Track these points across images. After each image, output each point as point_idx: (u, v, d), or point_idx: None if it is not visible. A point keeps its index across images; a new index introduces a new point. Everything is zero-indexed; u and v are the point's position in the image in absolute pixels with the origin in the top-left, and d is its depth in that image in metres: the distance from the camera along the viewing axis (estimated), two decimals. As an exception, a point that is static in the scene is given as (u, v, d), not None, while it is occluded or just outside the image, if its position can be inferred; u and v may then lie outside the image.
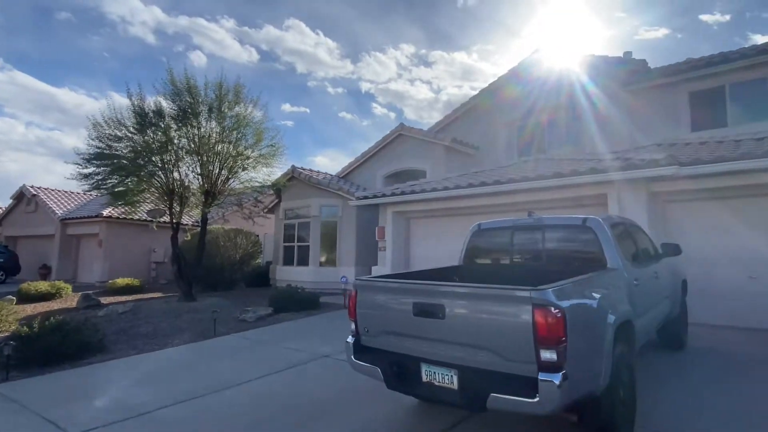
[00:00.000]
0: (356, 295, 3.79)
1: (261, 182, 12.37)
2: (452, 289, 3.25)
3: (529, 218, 4.75)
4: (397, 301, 3.43)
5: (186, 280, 11.78)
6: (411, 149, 14.16)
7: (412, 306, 3.26)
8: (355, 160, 15.74)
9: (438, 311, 3.12)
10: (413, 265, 11.72)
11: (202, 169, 11.58)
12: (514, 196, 9.37)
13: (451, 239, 10.98)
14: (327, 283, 13.98)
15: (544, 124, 13.07)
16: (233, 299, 12.38)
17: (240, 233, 15.37)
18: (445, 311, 3.09)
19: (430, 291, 3.25)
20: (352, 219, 14.01)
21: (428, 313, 3.17)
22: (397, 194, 10.97)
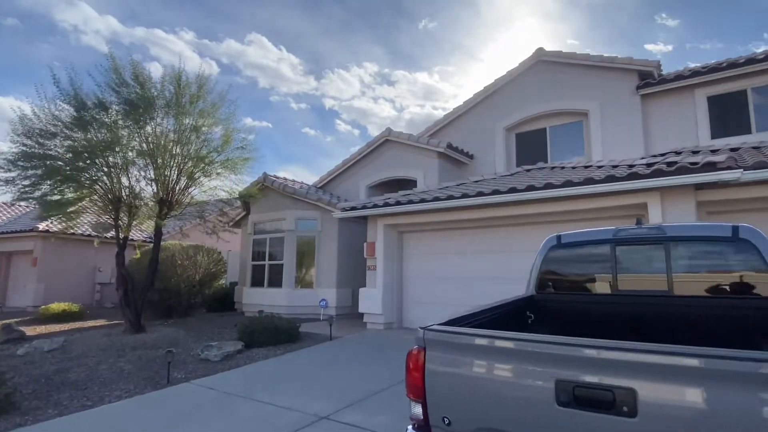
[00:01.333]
0: (424, 358, 2.20)
1: (228, 191, 10.54)
2: (656, 357, 1.65)
3: (639, 227, 3.31)
4: (519, 374, 1.88)
5: (134, 307, 9.72)
6: (399, 156, 12.72)
7: (555, 387, 1.72)
8: (335, 168, 14.13)
9: (620, 401, 1.59)
10: (408, 287, 10.16)
11: (156, 174, 9.67)
12: (526, 207, 8.08)
13: (453, 256, 9.52)
14: (303, 307, 12.19)
15: (547, 132, 11.95)
16: (192, 329, 10.38)
17: (201, 250, 13.36)
18: (637, 402, 1.56)
19: (601, 361, 1.71)
20: (334, 234, 12.34)
21: (595, 404, 1.63)
22: (391, 204, 9.44)
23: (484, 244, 9.11)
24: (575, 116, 11.53)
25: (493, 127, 12.55)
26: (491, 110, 12.70)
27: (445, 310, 8.73)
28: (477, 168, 12.45)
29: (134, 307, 9.72)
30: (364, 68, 52.71)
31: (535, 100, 11.97)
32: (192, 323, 11.47)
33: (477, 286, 9.06)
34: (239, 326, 8.41)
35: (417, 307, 9.97)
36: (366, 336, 8.89)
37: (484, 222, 9.00)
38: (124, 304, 9.74)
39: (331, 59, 54.53)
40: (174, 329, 10.31)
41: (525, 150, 12.27)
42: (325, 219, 12.51)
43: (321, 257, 12.46)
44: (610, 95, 10.86)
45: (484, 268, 9.01)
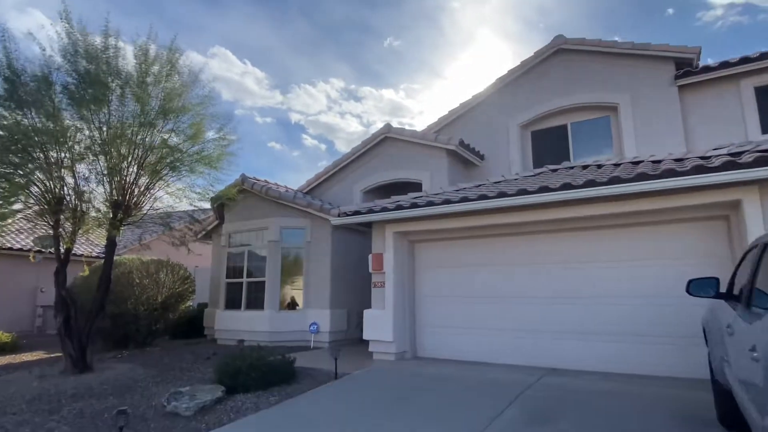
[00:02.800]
0: None
1: (201, 192, 8.61)
2: None
3: None
4: None
5: (77, 339, 7.59)
6: (401, 156, 11.11)
7: None
8: (323, 171, 12.37)
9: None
10: (421, 308, 8.45)
11: (110, 170, 7.67)
12: (574, 209, 6.63)
13: (481, 270, 7.91)
14: (290, 333, 10.27)
15: (568, 128, 10.63)
16: (154, 364, 8.29)
17: (164, 266, 11.25)
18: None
19: None
20: (326, 245, 10.53)
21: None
22: (404, 207, 7.76)
23: (523, 255, 7.55)
24: (601, 111, 10.26)
25: (506, 124, 11.15)
26: (504, 105, 11.31)
27: (472, 335, 6.98)
28: (488, 170, 10.98)
29: (78, 338, 7.59)
30: (331, 84, 51.59)
31: (555, 94, 10.66)
32: (153, 356, 9.34)
33: (514, 308, 7.47)
34: (218, 365, 6.43)
35: (433, 332, 8.27)
36: (379, 373, 7.09)
37: (519, 228, 7.46)
38: (64, 335, 7.58)
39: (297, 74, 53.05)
40: (130, 366, 8.20)
41: (543, 149, 10.90)
42: (316, 228, 10.70)
43: (311, 273, 10.60)
44: (643, 86, 9.64)
45: (524, 285, 7.44)
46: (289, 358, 6.84)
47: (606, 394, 5.39)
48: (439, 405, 5.23)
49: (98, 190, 7.86)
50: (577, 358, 6.83)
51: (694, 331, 6.06)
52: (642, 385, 5.70)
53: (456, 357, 7.84)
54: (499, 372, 6.78)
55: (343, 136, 61.37)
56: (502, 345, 7.49)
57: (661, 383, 5.75)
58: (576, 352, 6.85)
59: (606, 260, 6.86)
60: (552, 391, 5.60)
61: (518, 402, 5.15)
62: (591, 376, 6.31)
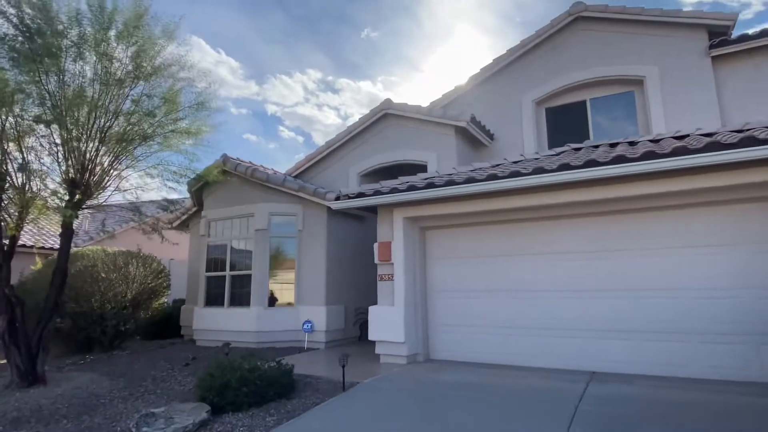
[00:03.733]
0: None
1: (177, 172, 7.33)
2: None
3: None
4: None
5: (25, 346, 6.27)
6: (404, 135, 9.99)
7: None
8: (315, 152, 11.15)
9: None
10: (434, 304, 7.41)
11: (66, 142, 6.34)
12: (611, 188, 5.72)
13: (503, 260, 6.91)
14: (280, 333, 9.11)
15: (587, 105, 9.70)
16: (122, 373, 7.03)
17: (134, 258, 9.90)
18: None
19: None
20: (321, 234, 9.37)
21: None
22: (418, 188, 6.67)
23: (555, 242, 6.57)
24: (625, 85, 9.35)
25: (519, 100, 10.15)
26: (516, 80, 10.30)
27: (494, 335, 5.94)
28: (498, 152, 9.95)
29: (26, 345, 6.27)
30: (308, 75, 50.02)
31: (573, 67, 9.70)
32: (122, 362, 8.05)
33: (545, 303, 6.49)
34: (201, 378, 5.23)
35: (448, 331, 7.24)
36: (394, 381, 6.02)
37: (550, 212, 6.48)
38: (8, 342, 6.24)
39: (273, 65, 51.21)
40: (93, 376, 6.92)
41: (559, 128, 9.95)
42: (309, 215, 9.53)
43: (303, 265, 9.43)
44: (672, 57, 8.75)
45: (555, 277, 6.47)
46: (286, 366, 5.69)
47: (682, 405, 4.44)
48: (482, 425, 4.19)
49: (52, 166, 6.51)
50: (620, 359, 5.91)
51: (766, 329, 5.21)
52: (715, 392, 4.79)
53: (475, 359, 6.85)
54: (534, 378, 5.80)
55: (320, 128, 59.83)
56: (530, 346, 6.53)
57: (736, 389, 4.85)
58: (619, 353, 5.93)
59: (655, 247, 5.93)
60: (614, 403, 4.62)
61: (581, 420, 4.15)
62: (644, 381, 5.39)
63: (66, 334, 8.99)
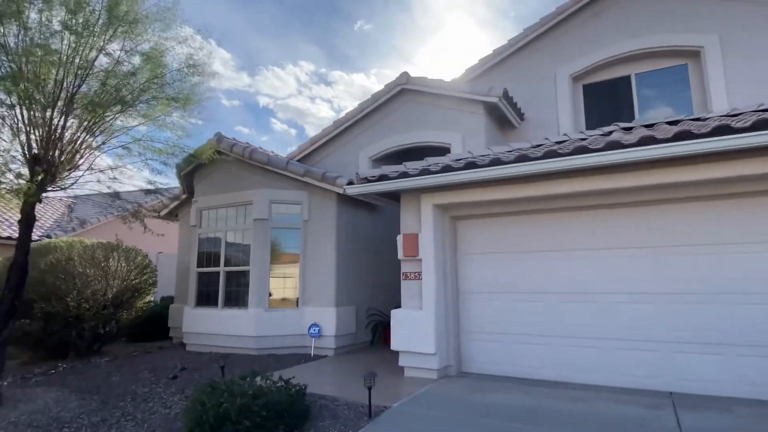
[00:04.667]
0: None
1: (163, 150, 6.12)
2: None
3: None
4: None
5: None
6: (424, 114, 8.82)
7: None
8: (320, 134, 9.95)
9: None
10: (467, 307, 6.30)
11: (25, 106, 5.12)
12: (702, 169, 4.60)
13: (548, 256, 5.81)
14: (282, 338, 7.97)
15: (632, 80, 8.57)
16: (97, 389, 5.85)
17: (115, 251, 8.68)
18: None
19: None
20: (330, 225, 8.20)
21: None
22: (456, 168, 5.52)
23: (620, 235, 5.46)
24: (677, 57, 8.22)
25: (552, 75, 8.99)
26: (549, 53, 9.14)
27: (543, 345, 4.84)
28: (527, 134, 8.80)
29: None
30: (300, 67, 48.74)
31: (615, 37, 8.55)
32: (99, 373, 6.87)
33: (607, 308, 5.39)
34: (191, 408, 4.06)
35: (485, 339, 6.14)
36: (432, 404, 4.90)
37: (612, 198, 5.38)
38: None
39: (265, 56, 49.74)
40: (61, 393, 5.74)
41: (598, 107, 8.82)
42: (316, 203, 8.36)
43: (310, 261, 8.27)
44: (735, 25, 7.63)
45: (620, 277, 5.37)
46: (297, 387, 4.55)
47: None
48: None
49: (6, 136, 5.28)
50: (705, 378, 4.85)
51: None
52: None
53: (518, 374, 5.77)
54: (602, 401, 4.72)
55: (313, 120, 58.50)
56: (587, 359, 5.44)
57: None
58: (706, 370, 4.87)
59: (761, 240, 4.83)
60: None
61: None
62: (745, 407, 4.32)
63: (36, 338, 7.79)
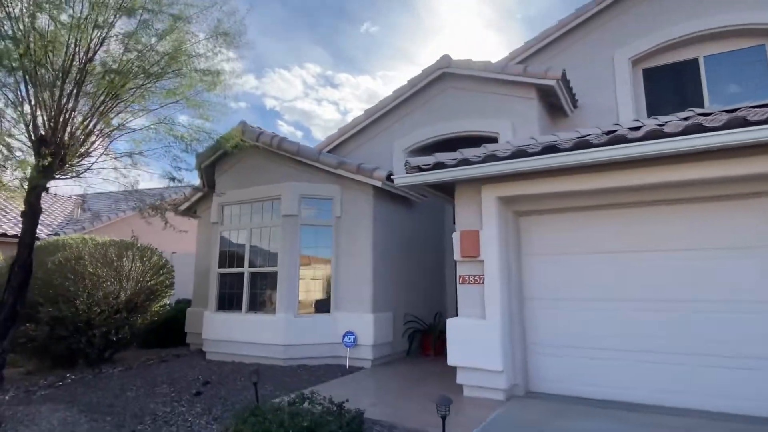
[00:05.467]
0: None
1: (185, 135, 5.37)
2: None
3: None
4: None
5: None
6: (468, 100, 8.03)
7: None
8: (350, 124, 9.18)
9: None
10: (534, 316, 5.47)
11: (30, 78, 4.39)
12: None
13: (627, 259, 4.99)
14: (313, 347, 7.19)
15: (700, 63, 7.73)
16: (109, 407, 5.08)
17: (129, 249, 7.95)
18: None
19: None
20: (366, 222, 7.42)
21: None
22: (532, 153, 4.72)
23: (726, 233, 4.62)
24: (753, 37, 7.38)
25: (609, 59, 8.17)
26: (605, 34, 8.32)
27: (627, 360, 4.04)
28: (580, 122, 7.97)
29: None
30: (307, 69, 48.42)
31: (680, 17, 7.73)
32: (111, 387, 6.11)
33: (706, 319, 4.56)
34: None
35: (554, 353, 5.31)
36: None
37: (713, 190, 4.55)
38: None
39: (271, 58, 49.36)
40: (68, 412, 4.98)
41: (661, 92, 7.99)
42: (350, 198, 7.58)
43: (343, 261, 7.48)
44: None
45: (722, 282, 4.53)
46: (354, 413, 3.75)
47: None
48: None
49: (10, 115, 4.54)
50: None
51: None
52: None
53: (595, 394, 4.94)
54: (710, 429, 3.89)
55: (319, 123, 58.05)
56: (681, 378, 4.60)
57: None
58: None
59: None
60: None
61: None
62: None
63: (41, 344, 7.06)
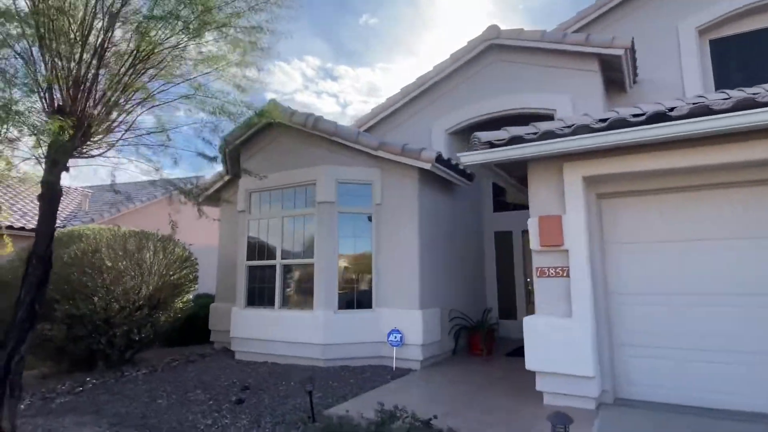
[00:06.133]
0: None
1: (226, 109, 4.69)
2: None
3: None
4: None
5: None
6: (519, 74, 7.31)
7: None
8: (386, 104, 8.46)
9: None
10: (622, 310, 4.79)
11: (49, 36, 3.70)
12: None
13: (736, 247, 4.31)
14: (355, 346, 6.54)
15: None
16: (141, 421, 4.44)
17: (150, 240, 7.28)
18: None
19: None
20: (410, 209, 6.72)
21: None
22: (635, 123, 4.02)
23: None
24: (842, 0, 6.65)
25: (673, 28, 7.43)
26: (665, 1, 7.57)
27: (738, 363, 3.27)
28: (641, 97, 7.24)
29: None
30: (306, 62, 47.79)
31: (758, -22, 6.98)
32: (138, 394, 5.47)
33: None
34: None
35: (642, 355, 4.63)
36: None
37: None
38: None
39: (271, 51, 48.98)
40: (95, 426, 4.34)
41: (731, 64, 7.26)
42: (390, 183, 6.89)
43: (384, 252, 6.81)
44: None
45: None
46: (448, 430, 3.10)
47: None
48: None
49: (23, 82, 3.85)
50: None
51: None
52: None
53: (698, 401, 4.29)
54: None
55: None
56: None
57: None
58: None
59: None
60: None
61: None
62: None
63: (57, 345, 6.43)
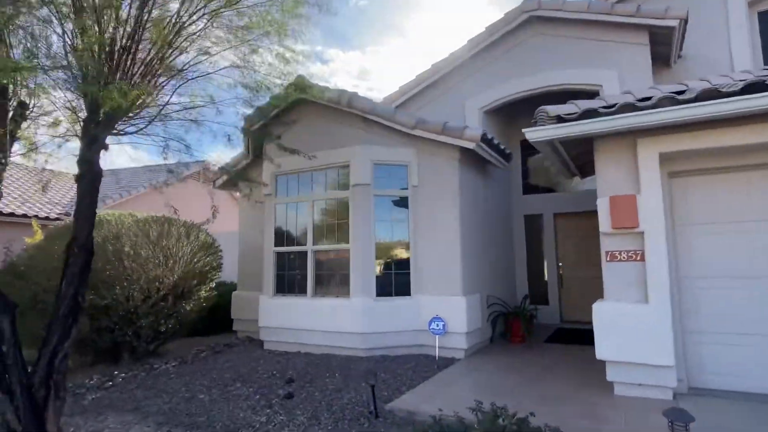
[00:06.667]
0: None
1: (263, 76, 4.28)
2: None
3: None
4: None
5: (20, 387, 3.31)
6: (561, 47, 6.94)
7: None
8: (414, 82, 8.05)
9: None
10: (696, 297, 4.52)
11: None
12: None
13: None
14: (395, 335, 6.26)
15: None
16: (193, 419, 4.12)
17: (173, 226, 6.89)
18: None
19: None
20: (450, 191, 6.38)
21: None
22: (729, 92, 3.70)
23: None
24: None
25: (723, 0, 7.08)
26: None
27: None
28: (686, 74, 6.92)
29: (22, 385, 3.32)
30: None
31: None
32: (172, 386, 5.16)
33: None
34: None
35: (719, 342, 4.39)
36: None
37: None
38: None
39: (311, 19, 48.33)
40: (145, 426, 4.02)
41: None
42: (427, 164, 6.54)
43: (422, 236, 6.48)
44: None
45: None
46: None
47: None
48: None
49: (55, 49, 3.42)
50: None
51: None
52: None
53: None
54: None
55: (309, 99, 57.76)
56: None
57: None
58: None
59: None
60: None
61: None
62: None
63: (81, 337, 6.05)
